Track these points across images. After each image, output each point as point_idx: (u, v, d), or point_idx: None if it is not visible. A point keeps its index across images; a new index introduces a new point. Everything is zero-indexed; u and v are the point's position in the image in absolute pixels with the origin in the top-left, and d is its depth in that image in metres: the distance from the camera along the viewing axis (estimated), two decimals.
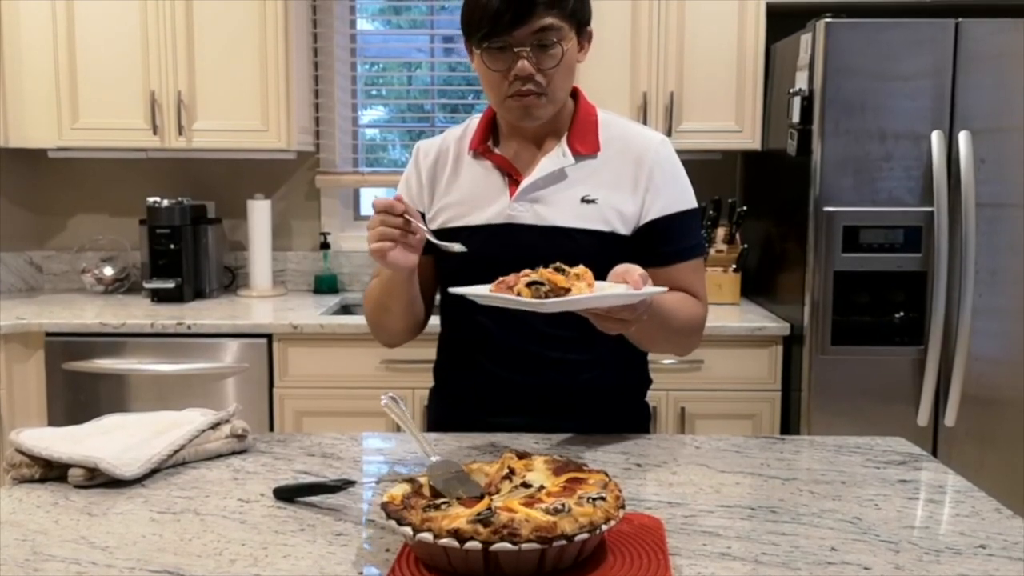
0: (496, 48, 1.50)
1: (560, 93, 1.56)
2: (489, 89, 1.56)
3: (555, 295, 1.27)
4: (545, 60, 1.50)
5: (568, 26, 1.52)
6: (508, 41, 1.48)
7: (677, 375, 2.93)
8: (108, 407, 2.67)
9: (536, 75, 1.50)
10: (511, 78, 1.50)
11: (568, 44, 1.52)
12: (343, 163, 3.72)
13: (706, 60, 3.19)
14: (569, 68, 1.55)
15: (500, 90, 1.53)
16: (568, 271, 1.33)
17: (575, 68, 1.58)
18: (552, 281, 1.28)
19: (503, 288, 1.33)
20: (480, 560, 0.98)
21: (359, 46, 3.74)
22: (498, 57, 1.51)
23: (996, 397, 2.82)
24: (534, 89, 1.51)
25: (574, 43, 1.55)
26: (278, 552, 1.12)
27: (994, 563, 1.09)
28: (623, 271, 1.35)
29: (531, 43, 1.49)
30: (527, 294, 1.28)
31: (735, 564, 1.08)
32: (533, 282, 1.29)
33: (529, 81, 1.50)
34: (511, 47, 1.49)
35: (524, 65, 1.49)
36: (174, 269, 3.33)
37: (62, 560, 1.09)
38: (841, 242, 2.76)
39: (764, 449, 1.55)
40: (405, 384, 2.80)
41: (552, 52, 1.50)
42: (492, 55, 1.51)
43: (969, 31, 2.71)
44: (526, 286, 1.29)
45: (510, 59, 1.50)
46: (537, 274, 1.30)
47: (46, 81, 3.23)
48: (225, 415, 1.52)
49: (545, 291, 1.28)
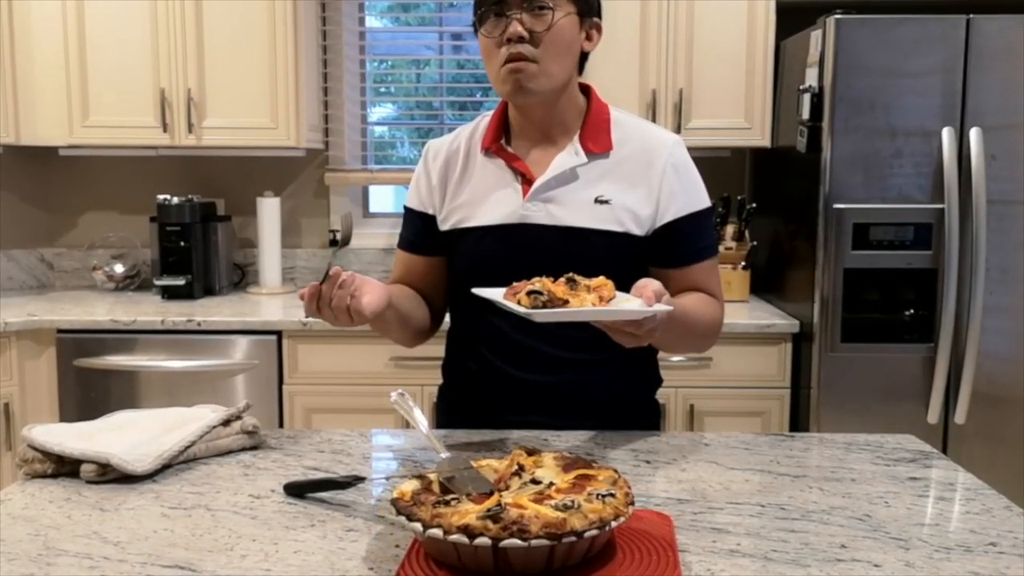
0: (492, 15, 1.53)
1: (554, 68, 1.55)
2: (488, 63, 1.57)
3: (552, 306, 1.28)
4: (536, 23, 1.51)
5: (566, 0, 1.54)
6: (503, 8, 1.51)
7: (686, 372, 2.93)
8: (119, 403, 2.69)
9: (527, 38, 1.51)
10: (504, 41, 1.52)
11: (561, 13, 1.53)
12: (352, 160, 3.72)
13: (715, 57, 3.18)
14: (564, 42, 1.54)
15: (496, 61, 1.54)
16: (580, 282, 1.33)
17: (575, 50, 1.58)
18: (551, 292, 1.29)
19: (510, 292, 1.35)
20: (490, 556, 0.98)
21: (368, 43, 3.74)
22: (494, 25, 1.53)
23: (1007, 395, 2.81)
24: (525, 53, 1.51)
25: (572, 20, 1.55)
26: (289, 547, 1.12)
27: (1004, 560, 1.09)
28: (641, 285, 1.34)
29: (524, 7, 1.51)
30: (527, 302, 1.29)
31: (744, 561, 1.08)
32: (533, 291, 1.29)
33: (520, 44, 1.51)
34: (504, 12, 1.51)
35: (515, 27, 1.50)
36: (184, 266, 3.35)
37: (74, 555, 1.10)
38: (851, 239, 2.75)
39: (773, 446, 1.55)
40: (415, 381, 2.81)
41: (543, 16, 1.51)
42: (489, 24, 1.54)
43: (980, 27, 2.70)
44: (527, 294, 1.30)
45: (504, 25, 1.52)
46: (540, 283, 1.31)
47: (57, 79, 3.24)
48: (236, 411, 1.52)
49: (543, 301, 1.28)
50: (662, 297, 1.32)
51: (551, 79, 1.55)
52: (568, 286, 1.32)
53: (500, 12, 1.52)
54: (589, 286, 1.33)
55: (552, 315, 1.28)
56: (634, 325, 1.31)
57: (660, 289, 1.32)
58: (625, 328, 1.31)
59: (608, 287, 1.34)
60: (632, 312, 1.30)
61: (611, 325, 1.32)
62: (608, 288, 1.33)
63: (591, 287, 1.33)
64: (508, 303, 1.32)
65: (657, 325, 1.31)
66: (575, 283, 1.33)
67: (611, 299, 1.33)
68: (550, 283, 1.31)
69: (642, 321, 1.30)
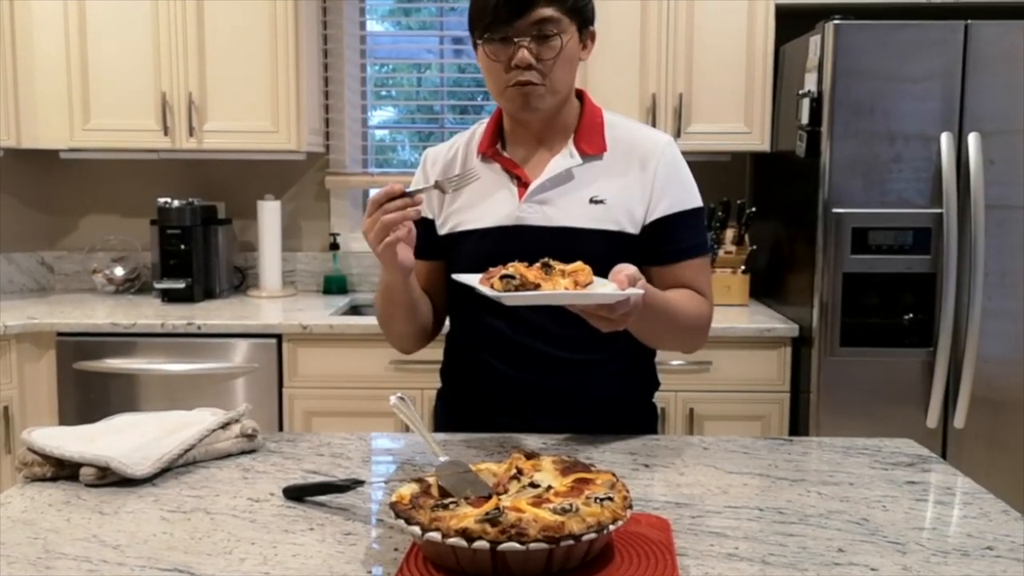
0: (497, 40, 1.52)
1: (560, 85, 1.57)
2: (491, 80, 1.58)
3: (524, 291, 1.29)
4: (544, 51, 1.52)
5: (568, 20, 1.54)
6: (508, 32, 1.51)
7: (686, 376, 2.93)
8: (119, 407, 2.68)
9: (536, 64, 1.52)
10: (511, 68, 1.52)
11: (567, 37, 1.54)
12: (353, 164, 3.73)
13: (715, 61, 3.19)
14: (569, 61, 1.56)
15: (501, 81, 1.55)
16: (556, 267, 1.34)
17: (576, 63, 1.60)
18: (523, 276, 1.31)
19: (485, 278, 1.36)
20: (488, 559, 0.98)
21: (369, 47, 3.75)
22: (499, 49, 1.53)
23: (1006, 399, 2.81)
24: (533, 79, 1.53)
25: (575, 38, 1.56)
26: (287, 551, 1.12)
27: (1002, 564, 1.09)
28: (616, 270, 1.35)
29: (531, 34, 1.51)
30: (499, 286, 1.30)
31: (742, 565, 1.08)
32: (506, 275, 1.31)
33: (529, 71, 1.52)
34: (511, 38, 1.51)
35: (523, 55, 1.51)
36: (184, 269, 3.35)
37: (74, 558, 1.10)
38: (850, 244, 2.76)
39: (772, 450, 1.55)
40: (414, 384, 2.81)
41: (551, 43, 1.52)
42: (493, 47, 1.53)
43: (979, 33, 2.70)
44: (499, 278, 1.31)
45: (511, 50, 1.52)
46: (513, 268, 1.33)
47: (58, 83, 3.25)
48: (235, 415, 1.52)
49: (515, 285, 1.29)
50: (636, 282, 1.33)
51: (556, 96, 1.58)
52: (543, 271, 1.34)
53: (506, 38, 1.52)
54: (564, 271, 1.35)
55: (522, 298, 1.30)
56: (607, 309, 1.32)
57: (635, 274, 1.34)
58: (598, 312, 1.33)
59: (585, 272, 1.35)
60: (604, 296, 1.31)
61: (585, 309, 1.33)
62: (585, 273, 1.35)
63: (566, 272, 1.34)
64: (482, 287, 1.33)
65: (631, 309, 1.33)
66: (550, 268, 1.34)
67: (587, 284, 1.34)
68: (523, 267, 1.33)
69: (615, 305, 1.31)
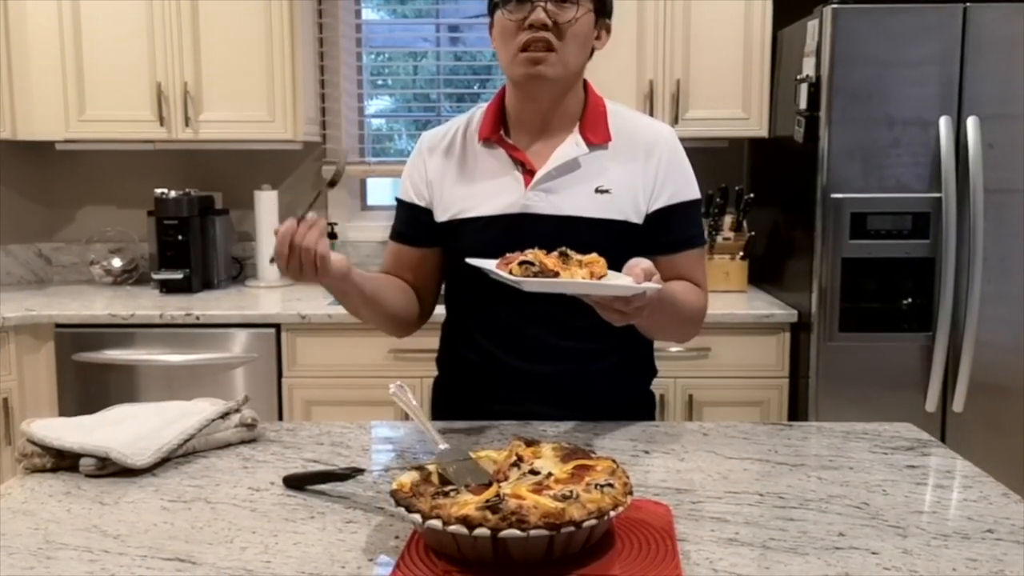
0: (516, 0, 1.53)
1: (570, 58, 1.56)
2: (503, 47, 1.57)
3: (543, 276, 1.29)
4: (561, 14, 1.52)
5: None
6: None
7: (685, 362, 2.93)
8: (118, 398, 2.66)
9: (550, 26, 1.52)
10: (526, 27, 1.52)
11: (584, 11, 1.54)
12: (350, 153, 3.72)
13: (712, 47, 3.18)
14: (582, 37, 1.57)
15: (513, 43, 1.54)
16: (573, 257, 1.35)
17: (589, 46, 1.60)
18: (543, 263, 1.31)
19: (503, 263, 1.36)
20: (489, 546, 0.98)
21: (365, 36, 3.73)
22: (516, 8, 1.53)
23: (1004, 383, 2.81)
24: (548, 38, 1.52)
25: (591, 18, 1.57)
26: (288, 539, 1.12)
27: (1002, 547, 1.09)
28: (631, 264, 1.35)
29: None
30: (518, 271, 1.30)
31: (743, 549, 1.09)
32: (525, 262, 1.31)
33: (542, 31, 1.52)
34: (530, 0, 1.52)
35: (540, 14, 1.51)
36: (182, 260, 3.34)
37: (74, 548, 1.10)
38: (849, 229, 2.75)
39: (772, 435, 1.55)
40: (413, 373, 2.80)
41: (568, 8, 1.53)
42: (511, 6, 1.53)
43: (977, 17, 2.69)
44: (518, 264, 1.31)
45: (528, 10, 1.52)
46: (532, 255, 1.33)
47: (53, 74, 3.23)
48: (235, 404, 1.52)
49: (534, 272, 1.30)
50: (652, 277, 1.33)
51: (566, 68, 1.57)
52: (561, 259, 1.34)
53: None
54: (581, 261, 1.35)
55: (542, 284, 1.30)
56: (622, 302, 1.32)
57: (650, 268, 1.34)
58: (614, 305, 1.32)
59: (600, 264, 1.35)
60: (622, 288, 1.31)
61: (600, 301, 1.33)
62: (600, 265, 1.35)
63: (583, 262, 1.35)
64: (500, 272, 1.33)
65: (646, 304, 1.33)
66: (568, 257, 1.35)
67: (602, 276, 1.34)
68: (543, 255, 1.34)
69: (631, 299, 1.31)
